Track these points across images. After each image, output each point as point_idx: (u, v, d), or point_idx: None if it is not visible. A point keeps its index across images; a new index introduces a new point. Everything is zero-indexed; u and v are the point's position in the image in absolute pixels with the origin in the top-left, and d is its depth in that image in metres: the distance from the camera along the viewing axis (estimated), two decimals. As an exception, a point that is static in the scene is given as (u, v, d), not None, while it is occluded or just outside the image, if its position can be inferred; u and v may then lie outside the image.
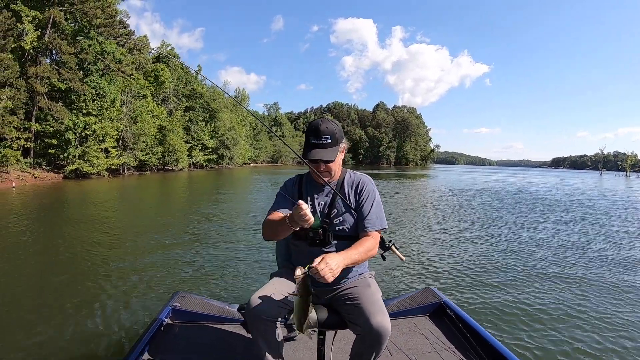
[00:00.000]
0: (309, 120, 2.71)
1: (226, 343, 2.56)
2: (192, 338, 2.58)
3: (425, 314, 3.00)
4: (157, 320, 2.60)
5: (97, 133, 29.86)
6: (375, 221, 2.00)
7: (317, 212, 2.01)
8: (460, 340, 2.61)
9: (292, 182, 2.18)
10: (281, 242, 2.36)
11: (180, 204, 16.57)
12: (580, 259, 7.28)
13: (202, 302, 2.98)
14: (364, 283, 2.03)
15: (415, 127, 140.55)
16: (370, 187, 2.07)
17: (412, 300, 3.12)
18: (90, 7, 28.85)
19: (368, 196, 2.03)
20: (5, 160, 24.55)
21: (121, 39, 36.19)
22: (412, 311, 2.99)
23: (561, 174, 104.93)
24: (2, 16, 24.55)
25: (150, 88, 40.88)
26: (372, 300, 1.86)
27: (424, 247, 8.18)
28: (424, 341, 2.61)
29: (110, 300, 4.69)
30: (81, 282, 5.52)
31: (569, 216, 13.66)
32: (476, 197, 20.76)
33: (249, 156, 76.15)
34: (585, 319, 4.41)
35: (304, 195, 2.07)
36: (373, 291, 1.96)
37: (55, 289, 5.19)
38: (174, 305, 2.81)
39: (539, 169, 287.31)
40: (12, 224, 10.32)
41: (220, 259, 6.77)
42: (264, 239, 2.02)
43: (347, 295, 1.97)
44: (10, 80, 24.74)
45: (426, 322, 2.90)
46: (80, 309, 4.45)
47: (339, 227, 2.00)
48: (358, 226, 2.01)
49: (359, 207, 2.02)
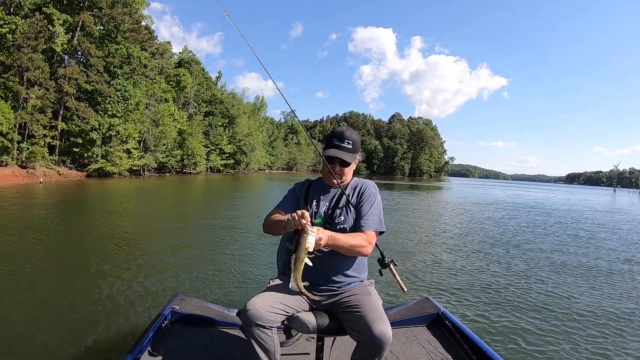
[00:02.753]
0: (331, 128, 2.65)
1: (224, 347, 2.57)
2: (190, 341, 2.59)
3: (423, 324, 2.98)
4: (155, 323, 2.59)
5: (121, 134, 30.73)
6: (371, 221, 2.04)
7: (321, 211, 2.11)
8: (457, 351, 2.61)
9: (302, 185, 2.28)
10: (284, 248, 2.35)
11: (194, 207, 16.75)
12: (577, 273, 7.25)
13: (201, 305, 2.98)
14: (364, 291, 2.08)
15: (430, 139, 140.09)
16: (371, 190, 2.14)
17: (410, 310, 3.11)
18: (118, 13, 29.86)
19: (368, 198, 2.10)
20: (32, 156, 25.42)
21: (147, 44, 37.23)
22: (410, 321, 2.97)
23: (574, 189, 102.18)
24: (35, 18, 25.60)
25: (172, 92, 41.80)
26: (374, 308, 1.91)
27: (424, 256, 8.12)
28: (422, 351, 2.61)
29: (109, 301, 4.67)
30: (83, 279, 5.55)
31: (569, 231, 13.30)
32: (483, 210, 20.55)
33: (265, 162, 76.84)
34: (583, 333, 4.39)
35: (310, 196, 2.18)
36: (374, 299, 2.01)
37: (55, 286, 5.22)
38: (173, 307, 2.81)
39: (554, 184, 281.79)
40: (34, 217, 10.79)
41: (221, 263, 6.75)
42: (263, 230, 2.15)
43: (348, 302, 2.00)
44: (40, 80, 25.71)
45: (424, 332, 2.89)
46: (80, 307, 4.45)
47: (340, 226, 2.06)
48: (355, 225, 2.07)
49: (358, 206, 2.09)
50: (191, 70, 47.16)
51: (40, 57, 25.77)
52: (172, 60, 47.56)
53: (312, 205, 2.13)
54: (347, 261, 2.08)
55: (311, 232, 1.75)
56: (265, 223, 2.12)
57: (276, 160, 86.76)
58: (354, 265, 2.12)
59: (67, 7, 29.23)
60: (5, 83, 24.43)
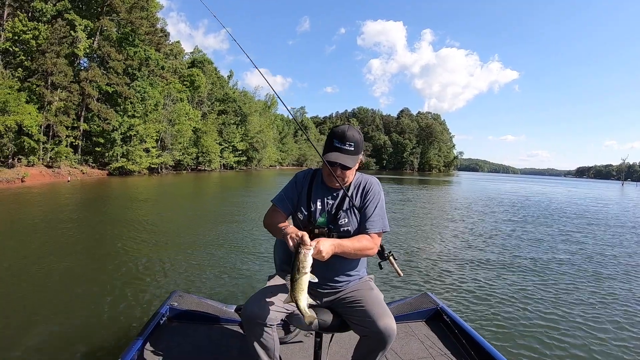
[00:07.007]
0: (334, 125, 2.65)
1: (223, 343, 2.58)
2: (188, 338, 2.60)
3: (421, 319, 3.00)
4: (154, 319, 2.59)
5: (140, 134, 32.08)
6: (377, 223, 2.02)
7: (325, 211, 2.05)
8: (456, 346, 2.63)
9: (304, 175, 2.18)
10: (280, 244, 2.31)
11: (205, 203, 17.36)
12: (579, 266, 7.34)
13: (199, 301, 2.99)
14: (366, 286, 2.08)
15: (439, 134, 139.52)
16: (376, 189, 2.09)
17: (408, 305, 3.12)
18: (136, 17, 31.00)
19: (373, 198, 2.05)
20: (58, 156, 26.66)
21: (161, 46, 38.31)
22: (408, 316, 2.99)
23: (582, 183, 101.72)
24: (58, 24, 26.74)
25: (187, 92, 42.99)
26: (377, 303, 1.92)
27: (424, 252, 8.14)
28: (420, 346, 2.62)
29: (108, 297, 4.72)
30: (84, 274, 5.69)
31: (570, 224, 13.54)
32: (488, 205, 20.23)
33: (276, 159, 77.77)
34: (583, 327, 4.44)
35: (314, 194, 2.09)
36: (376, 294, 2.03)
37: (58, 280, 5.41)
38: (171, 304, 2.81)
39: (563, 178, 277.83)
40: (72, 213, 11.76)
41: (220, 259, 6.80)
42: (263, 225, 2.13)
43: (350, 298, 2.01)
44: (64, 84, 26.86)
45: (422, 327, 2.91)
46: (79, 304, 4.52)
47: (344, 228, 2.01)
48: (360, 227, 2.03)
49: (362, 208, 2.04)
50: (204, 70, 48.35)
51: (64, 62, 26.93)
52: (186, 60, 48.76)
53: (315, 203, 2.07)
54: (350, 262, 2.07)
55: (308, 254, 1.69)
56: (265, 221, 2.11)
57: (287, 156, 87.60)
58: (355, 263, 2.12)
59: (86, 12, 30.40)
60: (30, 87, 25.60)
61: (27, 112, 23.19)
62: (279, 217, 2.05)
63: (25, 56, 26.26)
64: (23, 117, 22.58)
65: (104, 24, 29.46)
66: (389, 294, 5.19)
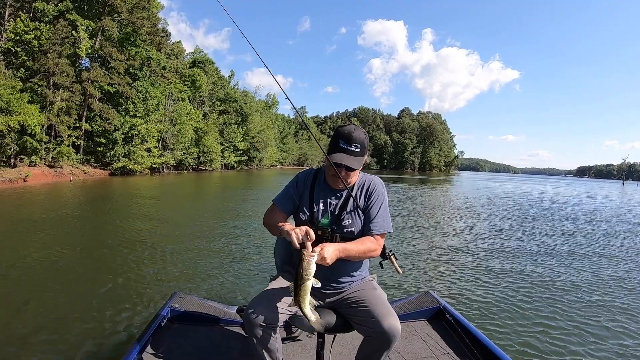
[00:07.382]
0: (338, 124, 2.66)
1: (224, 344, 2.57)
2: (190, 339, 2.59)
3: (424, 318, 3.00)
4: (155, 321, 2.59)
5: (142, 134, 32.16)
6: (381, 225, 2.01)
7: (328, 211, 2.03)
8: (458, 345, 2.62)
9: (305, 175, 2.15)
10: (281, 244, 2.30)
11: (207, 202, 17.40)
12: (579, 265, 7.38)
13: (200, 303, 2.97)
14: (369, 286, 2.08)
15: (440, 133, 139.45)
16: (379, 190, 2.07)
17: (411, 304, 3.11)
18: (138, 17, 31.07)
19: (377, 199, 2.03)
20: (60, 156, 26.74)
21: (162, 46, 38.39)
22: (410, 315, 2.98)
23: (582, 182, 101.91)
24: (60, 25, 26.80)
25: (188, 92, 43.07)
26: (381, 303, 1.91)
27: (426, 251, 8.14)
28: (423, 346, 2.62)
29: (110, 298, 4.73)
30: (85, 274, 5.70)
31: (570, 224, 13.54)
32: (488, 204, 20.27)
33: (277, 158, 77.79)
34: (585, 325, 4.44)
35: (316, 195, 2.07)
36: (379, 293, 2.02)
37: (59, 280, 5.40)
38: (172, 305, 2.80)
39: (564, 177, 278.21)
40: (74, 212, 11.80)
41: (221, 260, 6.78)
42: (263, 224, 2.11)
43: (353, 298, 2.00)
44: (66, 84, 26.92)
45: (425, 326, 2.90)
46: (80, 304, 4.52)
47: (348, 229, 1.99)
48: (364, 228, 2.02)
49: (366, 209, 2.02)
50: (205, 70, 48.41)
51: (66, 62, 27.01)
52: (187, 60, 48.82)
53: (318, 204, 2.04)
54: (353, 263, 2.05)
55: (312, 261, 1.67)
56: (265, 220, 2.09)
57: (287, 156, 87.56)
58: (358, 264, 2.11)
59: (88, 12, 30.47)
60: (32, 87, 25.69)
61: (30, 112, 23.24)
62: (279, 217, 2.04)
63: (27, 56, 26.30)
64: (26, 117, 22.64)
65: (106, 24, 29.53)
66: (390, 293, 5.18)
